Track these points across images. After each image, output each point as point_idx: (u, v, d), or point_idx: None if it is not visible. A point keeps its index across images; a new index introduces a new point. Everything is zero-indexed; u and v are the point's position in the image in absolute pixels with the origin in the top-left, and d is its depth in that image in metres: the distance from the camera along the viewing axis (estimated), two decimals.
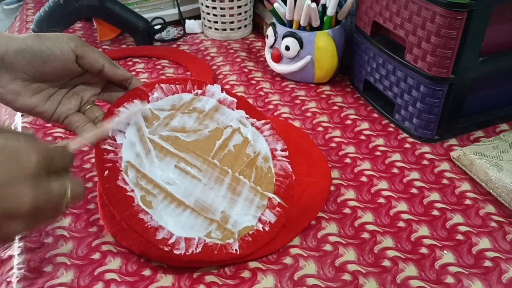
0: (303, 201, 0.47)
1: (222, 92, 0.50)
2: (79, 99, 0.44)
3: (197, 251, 0.39)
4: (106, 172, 0.41)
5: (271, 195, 0.45)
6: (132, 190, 0.41)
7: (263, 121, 0.50)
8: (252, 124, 0.49)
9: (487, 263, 0.41)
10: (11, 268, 0.42)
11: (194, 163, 0.44)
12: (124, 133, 0.43)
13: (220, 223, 0.41)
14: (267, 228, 0.42)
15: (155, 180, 0.42)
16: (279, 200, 0.44)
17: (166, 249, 0.38)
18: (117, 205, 0.39)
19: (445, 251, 0.42)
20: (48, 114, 0.42)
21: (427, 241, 0.43)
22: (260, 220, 0.43)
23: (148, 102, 0.46)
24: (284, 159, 0.48)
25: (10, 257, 0.43)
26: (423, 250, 0.42)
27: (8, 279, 0.41)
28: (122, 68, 0.44)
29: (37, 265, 0.42)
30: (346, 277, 0.40)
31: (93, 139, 0.41)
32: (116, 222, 0.44)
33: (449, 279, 0.40)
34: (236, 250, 0.40)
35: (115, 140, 0.42)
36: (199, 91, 0.49)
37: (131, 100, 0.44)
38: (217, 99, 0.49)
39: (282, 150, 0.48)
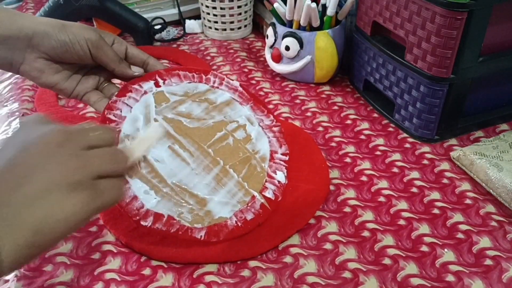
0: (295, 208, 0.46)
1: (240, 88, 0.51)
2: (97, 78, 0.48)
3: (163, 228, 0.41)
4: None
5: (255, 193, 0.45)
6: None
7: (273, 121, 0.50)
8: (260, 123, 0.49)
9: (488, 262, 0.41)
10: None
11: (188, 148, 0.45)
12: (132, 107, 0.45)
13: (193, 208, 0.42)
14: (240, 224, 0.43)
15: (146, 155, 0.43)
16: (262, 200, 0.45)
17: (134, 218, 0.40)
18: None
19: (445, 250, 0.42)
20: (68, 91, 0.46)
21: (427, 239, 0.43)
22: (235, 214, 0.43)
23: (161, 85, 0.48)
24: (282, 162, 0.48)
25: None
26: (424, 248, 0.43)
27: (7, 278, 0.41)
28: (139, 52, 0.48)
29: (37, 264, 0.42)
30: (347, 275, 0.40)
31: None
32: (109, 211, 0.45)
33: (450, 278, 0.40)
34: (201, 236, 0.41)
35: (121, 111, 0.44)
36: (217, 83, 0.50)
37: (147, 79, 0.47)
38: (232, 94, 0.50)
39: (282, 154, 0.49)
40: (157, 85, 0.47)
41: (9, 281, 0.41)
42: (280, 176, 0.47)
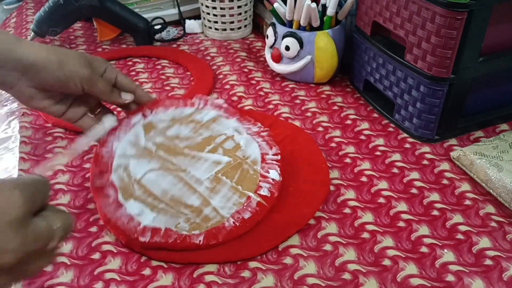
0: (295, 208, 0.46)
1: (225, 104, 0.53)
2: (88, 105, 0.49)
3: (162, 240, 0.42)
4: (97, 172, 0.46)
5: (250, 194, 0.45)
6: (116, 189, 0.45)
7: (261, 127, 0.52)
8: (248, 132, 0.51)
9: (488, 262, 0.41)
10: None
11: (179, 165, 0.47)
12: (122, 140, 0.48)
13: (189, 217, 0.43)
14: (238, 224, 0.43)
15: (138, 178, 0.46)
16: (258, 199, 0.45)
17: (132, 236, 0.42)
18: (100, 200, 0.45)
19: (445, 250, 0.42)
20: (58, 114, 0.47)
21: (427, 240, 0.43)
22: (232, 215, 0.44)
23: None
24: (274, 162, 0.49)
25: None
26: (424, 249, 0.42)
27: None
28: (129, 82, 0.49)
29: None
30: (346, 276, 0.40)
31: (61, 162, 0.46)
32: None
33: (450, 277, 0.40)
34: (200, 241, 0.42)
35: (112, 145, 0.47)
36: (201, 105, 0.52)
37: (135, 113, 0.50)
38: (217, 112, 0.52)
39: (274, 155, 0.49)
40: (144, 116, 0.50)
41: None
42: (274, 174, 0.47)
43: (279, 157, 0.49)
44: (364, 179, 0.51)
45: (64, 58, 0.44)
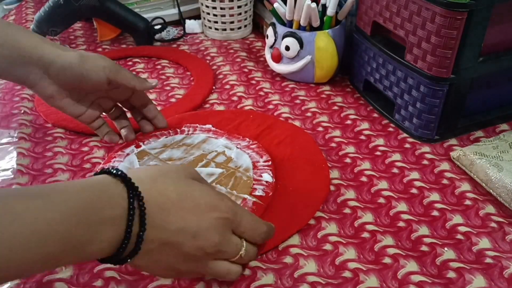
0: (295, 208, 0.46)
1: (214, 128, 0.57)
2: (102, 108, 0.53)
3: None
4: None
5: (245, 196, 0.46)
6: None
7: (250, 141, 0.54)
8: (237, 146, 0.53)
9: (488, 261, 0.41)
10: None
11: None
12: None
13: None
14: None
15: None
16: (253, 199, 0.46)
17: None
18: None
19: (445, 249, 0.42)
20: (76, 115, 0.50)
21: (427, 240, 0.43)
22: None
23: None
24: (266, 167, 0.50)
25: None
26: (424, 248, 0.42)
27: None
28: (147, 82, 0.52)
29: None
30: (347, 274, 0.40)
31: None
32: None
33: (451, 274, 0.40)
34: None
35: None
36: (191, 131, 0.56)
37: (128, 145, 0.54)
38: (206, 134, 0.55)
39: (265, 161, 0.51)
40: (137, 146, 0.54)
41: None
42: (267, 177, 0.49)
43: (270, 163, 0.51)
44: (364, 179, 0.51)
45: (85, 54, 0.46)
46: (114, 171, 0.32)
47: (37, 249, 0.28)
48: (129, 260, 0.32)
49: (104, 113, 0.54)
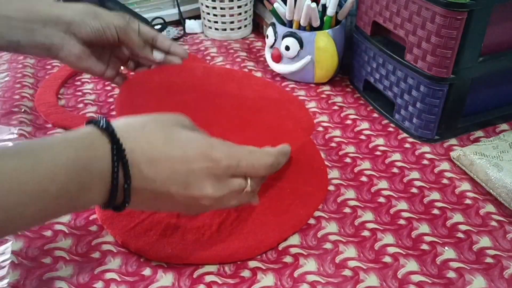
0: (294, 209, 0.46)
1: None
2: (121, 60, 0.54)
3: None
4: None
5: None
6: None
7: None
8: None
9: (489, 260, 0.41)
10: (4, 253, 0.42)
11: None
12: None
13: None
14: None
15: None
16: None
17: None
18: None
19: (446, 248, 0.42)
20: (101, 73, 0.52)
21: (427, 238, 0.43)
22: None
23: None
24: None
25: (5, 240, 0.43)
26: (424, 247, 0.43)
27: (1, 265, 0.41)
28: (148, 28, 0.52)
29: (35, 254, 0.42)
30: (347, 273, 0.40)
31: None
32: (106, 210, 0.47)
33: (451, 274, 0.40)
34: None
35: None
36: None
37: None
38: None
39: None
40: None
41: (3, 267, 0.41)
42: None
43: None
44: (364, 178, 0.51)
45: (97, 10, 0.48)
46: (101, 123, 0.32)
47: (30, 208, 0.28)
48: (125, 208, 0.33)
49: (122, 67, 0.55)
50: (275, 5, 0.67)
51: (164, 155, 0.33)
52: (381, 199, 0.48)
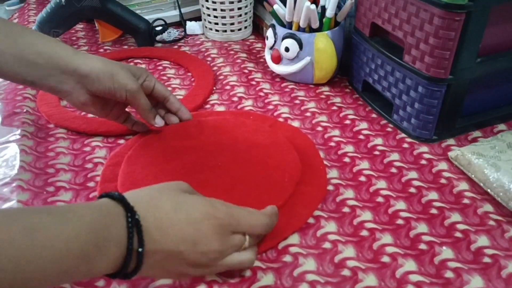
0: (293, 209, 0.47)
1: None
2: (125, 106, 0.55)
3: None
4: None
5: None
6: None
7: None
8: None
9: (486, 259, 0.42)
10: None
11: None
12: None
13: None
14: None
15: None
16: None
17: None
18: None
19: (444, 248, 0.43)
20: (103, 116, 0.54)
21: (425, 238, 0.44)
22: None
23: None
24: None
25: None
26: (422, 246, 0.43)
27: None
28: (164, 89, 0.55)
29: None
30: (346, 272, 0.41)
31: None
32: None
33: (449, 274, 0.40)
34: None
35: None
36: None
37: None
38: None
39: None
40: None
41: None
42: None
43: None
44: (362, 178, 0.51)
45: (115, 70, 0.49)
46: (113, 195, 0.35)
47: (53, 265, 0.29)
48: (135, 274, 0.34)
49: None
50: (275, 6, 0.67)
51: (172, 220, 0.35)
52: (380, 199, 0.49)
